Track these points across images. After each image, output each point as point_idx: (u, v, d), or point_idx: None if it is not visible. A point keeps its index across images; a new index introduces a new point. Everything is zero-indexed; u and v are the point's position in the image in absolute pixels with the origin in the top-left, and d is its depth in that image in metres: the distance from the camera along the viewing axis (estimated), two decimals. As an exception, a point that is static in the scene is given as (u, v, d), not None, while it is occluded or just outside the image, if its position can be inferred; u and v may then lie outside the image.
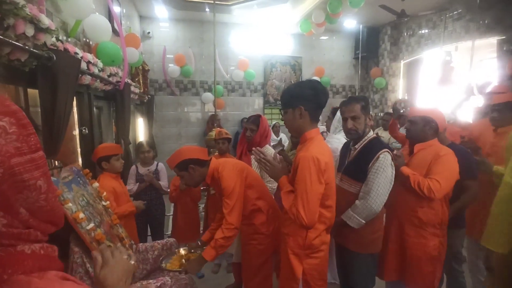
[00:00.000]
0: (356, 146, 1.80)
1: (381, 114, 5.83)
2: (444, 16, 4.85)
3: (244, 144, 2.49)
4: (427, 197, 1.75)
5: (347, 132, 1.80)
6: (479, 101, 3.31)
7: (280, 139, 3.48)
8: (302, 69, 6.55)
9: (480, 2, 3.92)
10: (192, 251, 1.98)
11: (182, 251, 1.98)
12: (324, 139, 1.89)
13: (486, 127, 2.38)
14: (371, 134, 1.79)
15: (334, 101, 6.64)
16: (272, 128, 5.62)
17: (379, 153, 1.66)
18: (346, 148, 1.95)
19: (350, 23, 5.63)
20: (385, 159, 1.66)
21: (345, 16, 5.17)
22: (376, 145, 1.72)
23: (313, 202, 1.40)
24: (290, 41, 6.41)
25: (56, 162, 1.69)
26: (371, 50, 6.35)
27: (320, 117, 1.61)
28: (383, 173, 1.64)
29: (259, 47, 6.17)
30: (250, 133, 2.35)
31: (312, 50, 6.60)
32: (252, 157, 2.39)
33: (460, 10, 4.61)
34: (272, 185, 2.36)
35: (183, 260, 1.89)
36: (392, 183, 1.69)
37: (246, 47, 6.07)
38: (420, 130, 1.91)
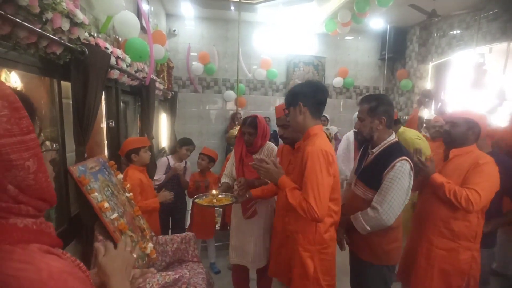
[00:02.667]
0: (374, 150, 1.66)
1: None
2: (478, 16, 4.62)
3: (242, 146, 2.28)
4: (464, 209, 1.59)
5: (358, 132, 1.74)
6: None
7: None
8: (325, 70, 6.45)
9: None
10: (221, 194, 2.08)
11: (214, 191, 2.09)
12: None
13: None
14: (391, 138, 1.63)
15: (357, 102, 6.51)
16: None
17: (396, 161, 1.51)
18: (365, 150, 1.81)
19: (377, 23, 5.47)
20: (402, 168, 1.50)
21: (371, 16, 5.03)
22: (395, 152, 1.56)
23: (324, 195, 1.40)
24: (314, 41, 6.32)
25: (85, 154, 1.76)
26: (398, 51, 6.15)
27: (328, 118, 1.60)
28: (399, 183, 1.50)
29: (283, 47, 6.12)
30: (249, 137, 2.15)
31: (337, 50, 6.48)
32: (255, 156, 2.33)
33: (496, 10, 4.38)
34: None
35: (214, 200, 2.01)
36: (409, 194, 1.54)
37: (270, 46, 6.05)
38: (462, 133, 1.74)
